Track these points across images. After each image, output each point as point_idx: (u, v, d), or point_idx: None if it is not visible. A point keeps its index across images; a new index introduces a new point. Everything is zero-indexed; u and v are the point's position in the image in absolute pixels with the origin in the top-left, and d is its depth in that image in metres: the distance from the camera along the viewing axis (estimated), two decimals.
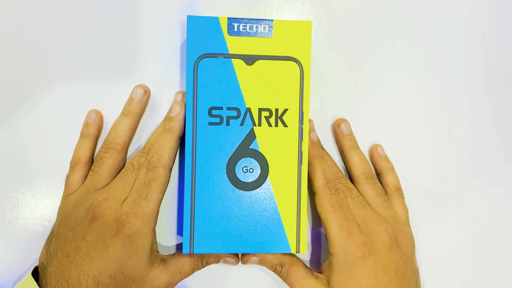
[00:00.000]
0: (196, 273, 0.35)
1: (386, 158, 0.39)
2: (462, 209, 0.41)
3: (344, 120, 0.39)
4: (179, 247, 0.38)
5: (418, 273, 0.36)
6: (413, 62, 0.40)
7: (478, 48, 0.41)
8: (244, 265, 0.36)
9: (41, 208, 0.37)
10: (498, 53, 0.41)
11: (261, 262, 0.36)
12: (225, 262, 0.36)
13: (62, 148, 0.37)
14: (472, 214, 0.41)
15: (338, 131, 0.39)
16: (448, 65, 0.41)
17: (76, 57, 0.38)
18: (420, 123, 0.40)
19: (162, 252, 0.36)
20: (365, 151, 0.40)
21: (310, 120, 0.36)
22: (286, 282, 0.36)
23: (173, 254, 0.35)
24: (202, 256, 0.35)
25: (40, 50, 0.37)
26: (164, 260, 0.34)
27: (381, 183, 0.39)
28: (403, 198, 0.39)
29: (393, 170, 0.39)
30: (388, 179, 0.39)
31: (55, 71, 0.37)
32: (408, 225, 0.38)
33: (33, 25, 0.37)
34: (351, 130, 0.39)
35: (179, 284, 0.35)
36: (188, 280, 0.35)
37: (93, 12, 0.38)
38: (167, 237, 0.38)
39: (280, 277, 0.36)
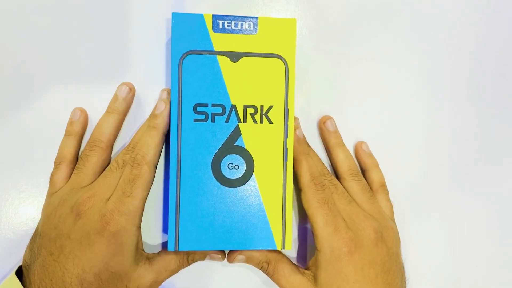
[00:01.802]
0: (183, 270, 0.35)
1: (370, 155, 0.40)
2: (446, 205, 0.41)
3: (329, 118, 0.39)
4: (164, 245, 0.38)
5: (404, 268, 0.36)
6: (398, 60, 0.41)
7: (465, 46, 0.42)
8: (231, 263, 0.36)
9: (25, 206, 0.37)
10: (484, 55, 0.42)
11: (248, 260, 0.36)
12: (211, 258, 0.36)
13: (46, 146, 0.37)
14: (455, 209, 0.41)
15: (324, 128, 0.39)
16: (434, 64, 0.41)
17: (60, 56, 0.37)
18: (404, 120, 0.41)
19: (148, 251, 0.36)
20: (350, 148, 0.40)
21: (295, 118, 0.36)
22: (273, 279, 0.36)
23: (159, 252, 0.35)
24: (188, 253, 0.35)
25: (24, 50, 0.37)
26: (149, 258, 0.34)
27: (366, 179, 0.39)
28: (387, 194, 0.39)
29: (378, 166, 0.39)
30: (373, 175, 0.39)
31: (39, 70, 0.37)
32: (393, 220, 0.38)
33: (17, 24, 0.37)
34: (336, 127, 0.39)
35: (165, 282, 0.34)
36: (174, 278, 0.35)
37: (78, 10, 0.37)
38: (152, 236, 0.38)
39: (266, 274, 0.36)
